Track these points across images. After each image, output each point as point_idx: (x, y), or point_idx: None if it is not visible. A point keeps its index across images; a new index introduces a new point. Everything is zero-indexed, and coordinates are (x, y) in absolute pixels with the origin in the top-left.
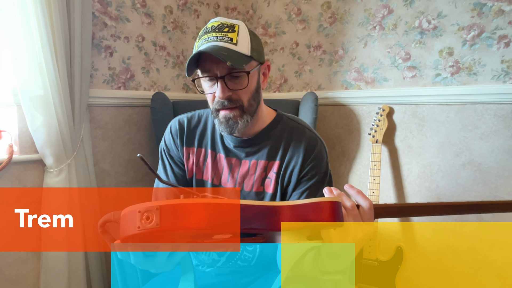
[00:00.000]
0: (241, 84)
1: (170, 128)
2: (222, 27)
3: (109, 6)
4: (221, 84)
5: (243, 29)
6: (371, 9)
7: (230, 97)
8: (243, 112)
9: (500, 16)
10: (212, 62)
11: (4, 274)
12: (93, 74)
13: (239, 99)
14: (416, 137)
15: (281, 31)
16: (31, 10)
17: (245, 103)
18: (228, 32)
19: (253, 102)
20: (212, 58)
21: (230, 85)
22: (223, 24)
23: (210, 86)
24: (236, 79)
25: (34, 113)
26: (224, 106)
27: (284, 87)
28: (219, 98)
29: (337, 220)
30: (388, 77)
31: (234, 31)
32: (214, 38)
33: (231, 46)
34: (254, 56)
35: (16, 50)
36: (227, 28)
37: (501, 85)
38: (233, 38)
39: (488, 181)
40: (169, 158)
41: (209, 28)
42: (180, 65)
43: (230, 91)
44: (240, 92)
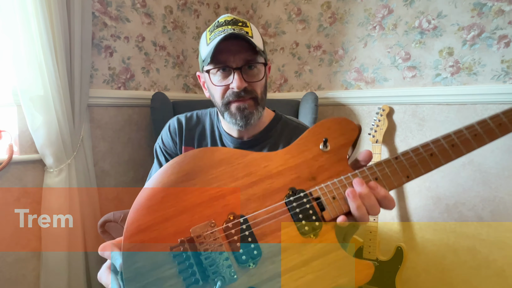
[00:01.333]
0: (257, 76)
1: (168, 126)
2: (236, 21)
3: (109, 6)
4: (238, 74)
5: (254, 27)
6: (371, 9)
7: (245, 88)
8: (257, 103)
9: (500, 16)
10: (228, 54)
11: (4, 274)
12: (93, 74)
13: (254, 91)
14: (416, 137)
15: (281, 31)
16: (31, 10)
17: (259, 95)
18: (242, 26)
19: (264, 96)
20: (228, 48)
21: (246, 77)
22: (236, 19)
23: (222, 78)
24: (252, 70)
25: (34, 113)
26: (240, 97)
27: (284, 87)
28: (237, 89)
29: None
30: (388, 77)
31: (248, 26)
32: (231, 30)
33: (250, 38)
34: (264, 53)
35: (16, 50)
36: (241, 23)
37: (501, 85)
38: (249, 32)
39: (488, 181)
40: (166, 155)
41: (223, 22)
42: (180, 65)
43: (246, 82)
44: (255, 84)
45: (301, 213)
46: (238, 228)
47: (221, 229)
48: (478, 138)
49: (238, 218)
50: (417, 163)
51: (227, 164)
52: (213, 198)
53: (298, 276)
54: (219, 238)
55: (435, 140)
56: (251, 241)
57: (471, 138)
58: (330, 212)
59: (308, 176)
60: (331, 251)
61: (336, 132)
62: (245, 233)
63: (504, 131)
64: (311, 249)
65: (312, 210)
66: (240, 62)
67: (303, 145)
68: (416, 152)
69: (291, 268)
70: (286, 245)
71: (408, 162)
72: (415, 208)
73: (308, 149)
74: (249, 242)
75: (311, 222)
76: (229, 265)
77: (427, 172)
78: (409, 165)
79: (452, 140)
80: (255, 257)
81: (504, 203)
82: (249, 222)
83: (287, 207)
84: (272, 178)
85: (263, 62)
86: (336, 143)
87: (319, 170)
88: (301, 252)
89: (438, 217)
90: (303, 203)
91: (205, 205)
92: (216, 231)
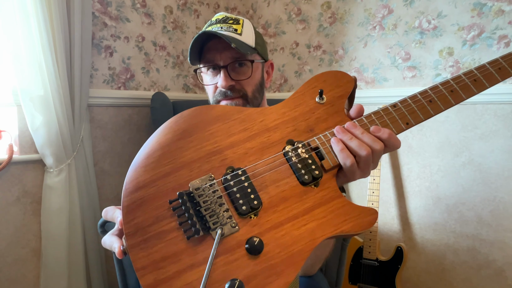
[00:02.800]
0: (245, 74)
1: None
2: (226, 19)
3: (109, 6)
4: (224, 73)
5: (247, 23)
6: (371, 9)
7: (232, 87)
8: (246, 102)
9: (500, 16)
10: (215, 52)
11: (4, 274)
12: (93, 74)
13: (242, 89)
14: (416, 137)
15: (281, 31)
16: (31, 10)
17: (249, 93)
18: (232, 24)
19: (257, 94)
20: (215, 47)
21: (233, 75)
22: (228, 17)
23: (212, 77)
24: (240, 68)
25: (34, 113)
26: (227, 95)
27: (284, 87)
28: (222, 87)
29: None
30: (388, 77)
31: (239, 24)
32: (219, 28)
33: (236, 35)
34: (258, 49)
35: (16, 50)
36: (232, 21)
37: (501, 85)
38: (238, 29)
39: (488, 181)
40: None
41: (214, 21)
42: (180, 65)
43: (232, 80)
44: (244, 83)
45: (300, 163)
46: (237, 180)
47: (220, 181)
48: (478, 83)
49: (236, 171)
50: (416, 109)
51: (223, 120)
52: (211, 153)
53: (301, 224)
54: (218, 191)
55: (433, 87)
56: (250, 192)
57: (470, 84)
58: (329, 161)
59: (305, 128)
60: (333, 199)
61: (332, 84)
62: (244, 184)
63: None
64: (313, 198)
65: (311, 160)
66: (227, 60)
67: (299, 98)
68: (415, 99)
69: (293, 216)
70: (287, 195)
71: (407, 109)
72: (415, 208)
73: (305, 102)
74: (248, 193)
75: (310, 172)
76: (230, 216)
77: (427, 119)
78: (408, 112)
79: (451, 86)
80: (255, 208)
81: (504, 203)
82: (247, 174)
83: (285, 158)
84: (269, 132)
85: (251, 59)
86: (333, 95)
87: (316, 121)
88: (302, 201)
89: (438, 217)
90: (302, 153)
91: (202, 160)
92: (215, 184)
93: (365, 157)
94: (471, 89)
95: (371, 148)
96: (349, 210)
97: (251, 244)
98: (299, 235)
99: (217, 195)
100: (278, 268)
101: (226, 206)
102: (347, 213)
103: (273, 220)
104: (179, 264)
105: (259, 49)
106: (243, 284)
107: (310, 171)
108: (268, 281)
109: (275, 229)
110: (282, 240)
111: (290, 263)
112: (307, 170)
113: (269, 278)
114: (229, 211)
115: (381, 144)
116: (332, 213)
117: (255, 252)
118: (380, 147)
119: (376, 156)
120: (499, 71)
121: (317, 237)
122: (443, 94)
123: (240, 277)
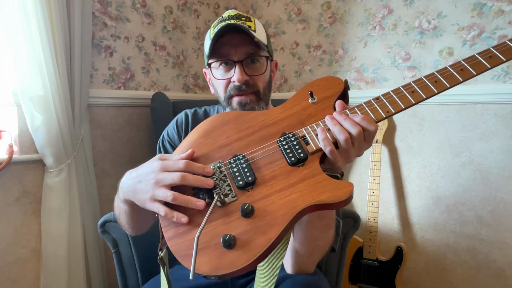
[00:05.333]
0: (259, 70)
1: (176, 120)
2: (239, 16)
3: (109, 6)
4: (239, 67)
5: (258, 21)
6: (371, 9)
7: (247, 82)
8: (259, 98)
9: (500, 16)
10: (230, 47)
11: (4, 274)
12: (93, 74)
13: (256, 85)
14: (416, 137)
15: (281, 31)
16: (31, 11)
17: (261, 90)
18: (245, 21)
19: (267, 91)
20: (230, 42)
21: (248, 70)
22: (240, 14)
23: (225, 72)
24: (254, 64)
25: (34, 113)
26: (241, 90)
27: (284, 87)
28: (238, 81)
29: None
30: (388, 77)
31: (251, 21)
32: (233, 23)
33: (251, 32)
34: (269, 47)
35: (16, 50)
36: (244, 18)
37: (501, 85)
38: (251, 26)
39: (488, 181)
40: (169, 147)
41: (226, 17)
42: (180, 65)
43: (247, 76)
44: (257, 78)
45: (289, 148)
46: (237, 162)
47: (226, 164)
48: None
49: (238, 156)
50: (397, 99)
51: (234, 122)
52: (222, 146)
53: (285, 195)
54: (224, 171)
55: (418, 79)
56: (247, 171)
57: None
58: (313, 146)
59: (297, 122)
60: (314, 175)
61: (324, 87)
62: (243, 165)
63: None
64: (298, 175)
65: (298, 145)
66: (242, 55)
67: (294, 100)
68: (397, 91)
69: (280, 189)
70: (276, 173)
71: (388, 100)
72: (415, 208)
73: (299, 103)
74: (245, 172)
75: (297, 154)
76: (230, 189)
77: (408, 107)
78: (389, 103)
79: (436, 77)
80: (250, 183)
81: (504, 203)
82: (246, 157)
83: (278, 144)
84: (268, 127)
85: (265, 55)
86: (323, 95)
87: (307, 117)
88: (289, 178)
89: (438, 217)
90: (291, 140)
91: (216, 151)
92: (222, 166)
93: (344, 141)
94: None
95: (349, 132)
96: (327, 183)
97: (243, 209)
98: (283, 203)
99: (223, 174)
100: (263, 228)
101: (229, 181)
102: (325, 186)
103: (263, 192)
104: (191, 223)
105: (269, 48)
106: (235, 237)
107: (296, 154)
108: (255, 237)
109: (264, 199)
110: (269, 207)
111: (273, 225)
112: (294, 153)
113: (256, 235)
114: (230, 186)
115: (359, 128)
116: (312, 187)
117: (247, 215)
118: (356, 131)
119: (356, 140)
120: (489, 59)
121: (298, 204)
122: (426, 85)
123: (233, 234)
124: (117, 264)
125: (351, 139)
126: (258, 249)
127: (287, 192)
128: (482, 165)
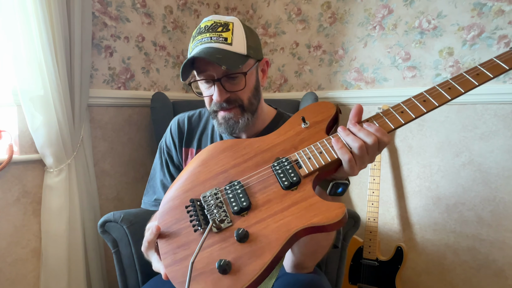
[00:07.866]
0: (239, 85)
1: (170, 128)
2: (215, 26)
3: (109, 6)
4: (218, 87)
5: (237, 26)
6: (371, 9)
7: (228, 99)
8: (243, 110)
9: (500, 16)
10: (208, 64)
11: (4, 274)
12: (93, 74)
13: (238, 99)
14: (416, 137)
15: (281, 31)
16: (31, 10)
17: (245, 101)
18: (222, 31)
19: (253, 100)
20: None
21: (228, 86)
22: (216, 23)
23: (208, 88)
24: (234, 80)
25: (34, 113)
26: (223, 107)
27: (284, 87)
28: (217, 102)
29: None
30: (388, 77)
31: (229, 30)
32: (208, 39)
33: (226, 46)
34: (251, 54)
35: (16, 50)
36: (221, 27)
37: (501, 85)
38: (228, 37)
39: (488, 181)
40: (167, 157)
41: (203, 28)
42: (180, 65)
43: (227, 93)
44: (239, 93)
45: (283, 173)
46: (233, 188)
47: (222, 190)
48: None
49: (233, 182)
50: (387, 121)
51: (229, 150)
52: (218, 173)
53: (279, 219)
54: (220, 197)
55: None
56: (242, 197)
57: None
58: (305, 169)
59: (291, 147)
60: (307, 198)
61: (316, 112)
62: (238, 191)
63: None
64: (291, 198)
65: (291, 169)
66: (220, 73)
67: (288, 126)
68: (387, 112)
69: (274, 213)
70: (271, 198)
71: (378, 122)
72: (415, 208)
73: (292, 128)
74: (240, 197)
75: (289, 178)
76: (226, 215)
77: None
78: (379, 124)
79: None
80: (245, 208)
81: (504, 203)
82: (242, 183)
83: (272, 169)
84: (263, 153)
85: (244, 72)
86: (315, 120)
87: (300, 141)
88: (282, 202)
89: (438, 217)
90: (285, 165)
91: (212, 178)
92: (218, 193)
93: (359, 149)
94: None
95: (363, 141)
96: (320, 206)
97: (238, 234)
98: (277, 227)
99: (219, 201)
100: (258, 252)
101: (225, 207)
102: (318, 209)
103: (258, 217)
104: (188, 250)
105: (251, 54)
106: (231, 263)
107: (289, 178)
108: (250, 261)
109: (259, 223)
110: (264, 231)
111: (267, 249)
112: (287, 177)
113: (251, 259)
114: (226, 212)
115: (374, 137)
116: (305, 209)
117: (241, 240)
118: (371, 140)
119: (370, 149)
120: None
121: (291, 228)
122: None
123: (229, 259)
124: (117, 264)
125: (366, 147)
126: (253, 273)
127: (280, 216)
128: (482, 165)
